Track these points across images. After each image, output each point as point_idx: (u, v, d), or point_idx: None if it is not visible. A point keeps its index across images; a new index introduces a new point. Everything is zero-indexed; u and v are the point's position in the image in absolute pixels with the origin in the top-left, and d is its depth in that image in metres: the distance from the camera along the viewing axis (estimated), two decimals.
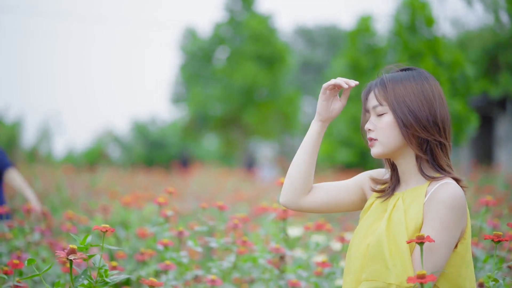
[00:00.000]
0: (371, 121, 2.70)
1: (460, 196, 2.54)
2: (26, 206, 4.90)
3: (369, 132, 2.70)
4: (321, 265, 3.84)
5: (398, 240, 2.54)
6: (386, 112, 2.65)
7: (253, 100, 25.78)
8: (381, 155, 2.69)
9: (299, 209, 2.86)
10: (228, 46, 26.43)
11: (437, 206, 2.53)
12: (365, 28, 22.10)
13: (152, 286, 2.95)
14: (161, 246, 3.86)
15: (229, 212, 5.96)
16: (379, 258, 2.55)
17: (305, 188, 2.83)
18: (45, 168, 15.10)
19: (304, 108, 33.15)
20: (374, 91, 2.70)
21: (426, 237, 2.39)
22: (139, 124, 34.36)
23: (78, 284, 2.80)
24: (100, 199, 8.95)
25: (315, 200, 2.83)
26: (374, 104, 2.68)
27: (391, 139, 2.65)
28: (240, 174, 17.83)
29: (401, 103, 2.63)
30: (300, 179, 2.82)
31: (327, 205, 2.84)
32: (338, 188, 2.85)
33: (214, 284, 3.69)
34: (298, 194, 2.83)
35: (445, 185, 2.56)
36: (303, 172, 2.82)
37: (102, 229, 2.82)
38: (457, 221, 2.52)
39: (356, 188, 2.84)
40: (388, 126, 2.65)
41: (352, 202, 2.85)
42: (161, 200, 4.08)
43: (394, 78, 2.69)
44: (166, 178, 16.25)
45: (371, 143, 2.70)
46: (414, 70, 2.72)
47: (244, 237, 3.90)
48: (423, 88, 2.65)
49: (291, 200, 2.84)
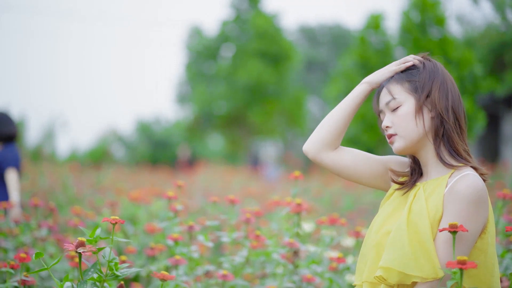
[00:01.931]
0: (386, 118, 2.65)
1: (480, 188, 2.47)
2: (33, 201, 4.81)
3: (387, 129, 2.65)
4: (336, 260, 3.75)
5: (421, 230, 2.48)
6: (400, 105, 2.61)
7: (258, 99, 25.73)
8: (403, 149, 2.63)
9: (319, 162, 2.81)
10: (234, 44, 26.40)
11: (456, 198, 2.46)
12: (375, 26, 22.02)
13: (164, 280, 2.86)
14: (171, 241, 3.78)
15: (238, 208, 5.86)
16: (398, 247, 2.48)
17: (331, 143, 2.78)
18: (49, 166, 15.04)
19: (308, 107, 33.02)
20: (387, 87, 2.67)
21: (459, 226, 2.31)
22: (143, 123, 34.31)
23: (88, 278, 2.71)
24: (106, 196, 8.87)
25: (339, 159, 2.79)
26: (386, 100, 2.65)
27: (409, 129, 2.59)
28: (246, 172, 17.76)
29: (418, 89, 2.60)
30: (330, 133, 2.78)
31: (348, 169, 2.79)
32: (366, 158, 2.79)
33: (226, 279, 3.61)
34: (323, 146, 2.79)
35: (465, 177, 2.49)
36: (336, 127, 2.78)
37: (111, 221, 2.73)
38: (476, 215, 2.45)
39: (382, 167, 2.78)
40: (405, 117, 2.60)
41: (374, 177, 2.78)
42: (170, 194, 4.00)
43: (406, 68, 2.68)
44: (172, 176, 16.18)
45: (391, 139, 2.64)
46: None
47: (257, 231, 3.81)
48: (436, 74, 2.63)
49: (314, 150, 2.80)
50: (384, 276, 2.50)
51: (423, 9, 20.12)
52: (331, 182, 12.34)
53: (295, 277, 3.72)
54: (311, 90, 37.05)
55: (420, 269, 2.43)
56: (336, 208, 9.34)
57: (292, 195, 3.79)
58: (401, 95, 2.62)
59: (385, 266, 2.50)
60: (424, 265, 2.43)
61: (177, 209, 3.93)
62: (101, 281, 2.75)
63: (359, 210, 9.44)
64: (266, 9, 26.66)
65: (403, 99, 2.61)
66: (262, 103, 25.80)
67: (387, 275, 2.49)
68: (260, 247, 3.94)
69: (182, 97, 29.08)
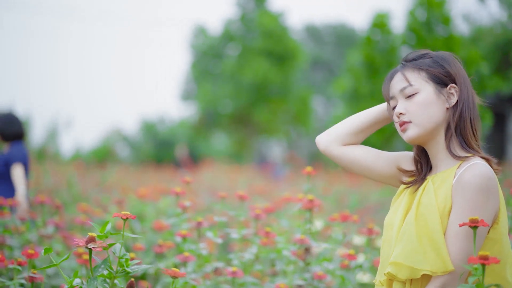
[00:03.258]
0: (400, 105, 2.57)
1: (488, 177, 2.42)
2: (39, 198, 4.76)
3: (401, 116, 2.57)
4: (348, 257, 3.69)
5: (430, 224, 2.43)
6: (417, 92, 2.55)
7: (264, 97, 25.70)
8: (416, 138, 2.56)
9: (329, 154, 2.78)
10: (239, 43, 26.37)
11: (464, 188, 2.41)
12: (381, 25, 21.97)
13: (175, 277, 2.81)
14: (179, 237, 3.72)
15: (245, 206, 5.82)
16: (406, 241, 2.44)
17: (344, 138, 2.76)
18: (54, 165, 14.99)
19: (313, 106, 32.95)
20: (402, 72, 2.60)
21: (480, 221, 2.25)
22: (147, 123, 34.26)
23: (98, 274, 2.65)
24: (112, 195, 8.82)
25: (351, 153, 2.75)
26: (402, 86, 2.57)
27: (426, 118, 2.53)
28: (251, 171, 17.70)
29: (438, 78, 2.55)
30: (347, 128, 2.77)
31: (359, 164, 2.75)
32: (378, 155, 2.75)
33: (235, 276, 3.56)
34: (335, 139, 2.76)
35: (472, 166, 2.44)
36: (355, 125, 2.77)
37: (122, 216, 2.69)
38: (485, 204, 2.40)
39: (393, 164, 2.73)
40: (421, 104, 2.54)
41: (384, 174, 2.74)
42: (178, 190, 3.95)
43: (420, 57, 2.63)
44: (177, 174, 16.13)
45: (403, 127, 2.56)
46: (432, 53, 2.64)
47: (267, 228, 3.76)
48: (456, 66, 2.60)
49: (325, 141, 2.78)
50: (393, 272, 2.46)
51: (429, 7, 20.09)
52: (336, 180, 12.29)
53: (306, 275, 3.66)
54: (316, 89, 37.00)
55: (429, 263, 2.38)
56: (343, 206, 9.28)
57: (304, 191, 3.73)
58: (418, 82, 2.56)
59: (393, 261, 2.46)
60: (433, 258, 2.38)
61: (186, 206, 3.87)
62: (112, 278, 2.70)
63: (366, 208, 9.39)
64: (271, 8, 26.64)
65: (420, 86, 2.55)
66: (267, 102, 25.77)
67: (396, 270, 2.45)
68: (270, 244, 3.88)
69: (187, 96, 29.07)
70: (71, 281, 2.67)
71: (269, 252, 3.92)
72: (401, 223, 2.53)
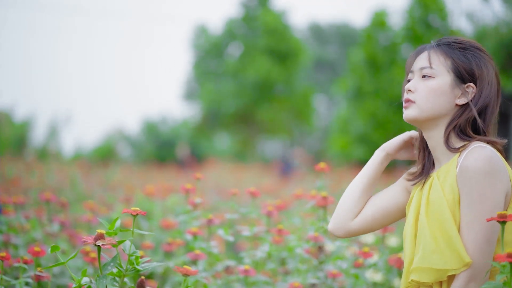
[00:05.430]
0: (413, 82, 2.50)
1: (489, 157, 2.31)
2: (45, 196, 4.66)
3: (408, 93, 2.50)
4: (362, 255, 3.59)
5: (442, 221, 2.34)
6: (434, 76, 2.46)
7: (267, 96, 25.67)
8: (414, 119, 2.49)
9: (349, 235, 2.67)
10: (242, 42, 26.35)
11: (467, 175, 2.31)
12: (380, 23, 21.98)
13: (187, 275, 2.71)
14: (189, 235, 3.63)
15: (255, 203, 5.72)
16: (423, 243, 2.36)
17: (353, 216, 2.64)
18: (56, 164, 14.92)
19: (316, 106, 32.91)
20: (429, 52, 2.51)
21: (509, 216, 2.15)
22: (149, 123, 34.19)
23: (107, 272, 2.55)
24: (117, 193, 8.73)
25: (363, 217, 2.64)
26: (423, 64, 2.49)
27: (430, 105, 2.45)
28: (257, 169, 17.62)
29: (460, 72, 2.46)
30: (353, 208, 2.64)
31: (376, 218, 2.64)
32: (384, 195, 2.66)
33: (248, 275, 3.46)
34: (347, 221, 2.64)
35: (472, 151, 2.35)
36: (357, 200, 2.64)
37: (132, 213, 2.59)
38: (493, 186, 2.30)
39: (402, 191, 2.64)
40: (432, 90, 2.45)
41: (402, 205, 2.63)
42: (189, 186, 3.85)
43: (454, 45, 2.51)
44: (181, 173, 16.06)
45: (406, 104, 2.50)
46: (470, 45, 2.53)
47: (279, 225, 3.66)
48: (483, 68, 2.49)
49: (339, 227, 2.65)
50: (416, 278, 2.37)
51: (426, 5, 20.07)
52: (343, 178, 12.20)
53: (319, 273, 3.57)
54: (319, 89, 36.99)
55: (448, 261, 2.29)
56: None
57: (318, 187, 3.64)
58: (439, 68, 2.47)
59: (415, 267, 2.37)
60: (450, 256, 2.30)
61: (196, 203, 3.78)
62: (121, 276, 2.60)
63: None
64: (274, 6, 26.63)
65: (439, 72, 2.47)
66: (270, 100, 25.73)
67: (419, 276, 2.36)
68: (283, 242, 3.79)
69: (189, 95, 29.04)
70: (79, 280, 2.57)
71: (281, 250, 3.83)
72: (413, 229, 2.45)
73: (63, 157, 22.59)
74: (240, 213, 3.89)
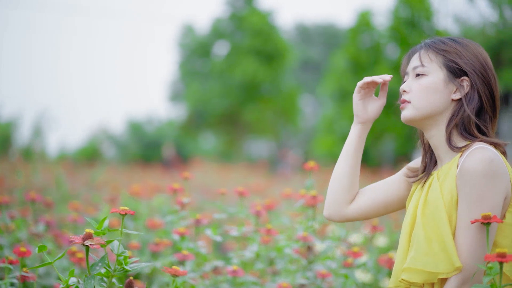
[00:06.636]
0: (407, 82, 2.50)
1: (490, 159, 2.28)
2: (30, 196, 4.60)
3: (404, 93, 2.50)
4: (352, 255, 3.57)
5: (437, 222, 2.31)
6: (426, 74, 2.45)
7: (253, 96, 25.66)
8: (410, 119, 2.47)
9: (345, 220, 2.65)
10: (228, 42, 26.34)
11: (466, 177, 2.29)
12: (365, 23, 22.03)
13: (176, 276, 2.68)
14: (177, 235, 3.59)
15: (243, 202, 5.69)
16: (417, 245, 2.33)
17: (348, 198, 2.62)
18: (41, 164, 14.83)
19: (302, 106, 32.92)
20: (420, 52, 2.51)
21: (493, 217, 2.13)
22: (134, 123, 34.07)
23: (95, 273, 2.52)
24: (102, 193, 8.68)
25: (360, 206, 2.62)
26: (415, 64, 2.49)
27: (425, 103, 2.44)
28: (243, 169, 17.59)
29: (452, 67, 2.45)
30: (343, 190, 2.62)
31: (374, 208, 2.62)
32: (384, 186, 2.63)
33: (236, 275, 3.43)
34: (342, 206, 2.62)
35: (473, 152, 2.32)
36: (345, 182, 2.61)
37: (121, 212, 2.56)
38: (492, 188, 2.27)
39: (402, 183, 2.61)
40: (426, 88, 2.44)
41: (401, 198, 2.62)
42: (176, 186, 3.82)
43: (444, 42, 2.50)
44: (166, 173, 16.00)
45: (402, 105, 2.49)
46: (460, 40, 2.52)
47: (268, 225, 3.63)
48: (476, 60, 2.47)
49: (335, 213, 2.63)
50: (406, 278, 2.34)
51: (412, 5, 20.12)
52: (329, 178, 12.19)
53: (308, 273, 3.54)
54: (305, 89, 37.01)
55: (439, 265, 2.27)
56: None
57: (306, 187, 3.61)
58: (431, 65, 2.46)
59: (406, 267, 2.35)
60: (442, 260, 2.27)
61: (184, 202, 3.74)
62: (109, 277, 2.57)
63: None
64: (261, 7, 26.62)
65: (432, 70, 2.46)
66: (257, 101, 25.72)
67: (409, 276, 2.34)
68: (271, 242, 3.76)
69: (175, 96, 28.98)
70: (66, 280, 2.53)
71: (270, 250, 3.80)
72: (409, 227, 2.43)
73: (48, 157, 22.48)
74: (228, 213, 3.86)
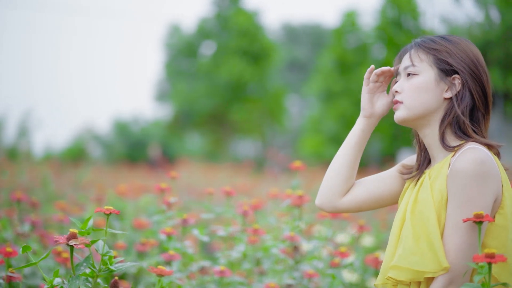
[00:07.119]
0: (399, 83, 2.50)
1: (481, 160, 2.27)
2: (15, 195, 4.57)
3: (396, 94, 2.50)
4: (340, 255, 3.56)
5: (426, 222, 2.30)
6: (417, 74, 2.45)
7: (239, 96, 25.66)
8: (403, 120, 2.47)
9: (336, 211, 2.63)
10: (214, 42, 26.33)
11: (457, 177, 2.28)
12: (351, 23, 22.08)
13: (161, 275, 2.67)
14: (163, 235, 3.57)
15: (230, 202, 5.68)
16: (405, 243, 2.32)
17: (344, 190, 2.61)
18: (27, 164, 14.75)
19: (289, 106, 32.93)
20: (410, 52, 2.50)
21: (485, 216, 2.12)
22: (120, 123, 33.95)
23: (80, 273, 2.50)
24: (88, 193, 8.64)
25: (354, 198, 2.61)
26: (406, 64, 2.49)
27: (417, 102, 2.43)
28: (229, 169, 17.57)
29: (443, 65, 2.44)
30: (340, 181, 2.60)
31: (367, 201, 2.61)
32: (378, 180, 2.62)
33: (223, 275, 3.41)
34: (335, 196, 2.60)
35: (465, 152, 2.31)
36: (343, 173, 2.60)
37: (105, 212, 2.55)
38: (482, 189, 2.26)
39: (397, 178, 2.61)
40: (417, 88, 2.44)
41: (395, 193, 2.61)
42: (163, 186, 3.79)
43: (434, 40, 2.50)
44: (152, 173, 15.96)
45: (395, 106, 2.50)
46: (450, 38, 2.52)
47: (255, 225, 3.62)
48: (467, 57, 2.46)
49: (327, 202, 2.62)
50: (393, 276, 2.34)
51: (399, 5, 20.18)
52: (317, 177, 12.19)
53: (295, 273, 3.53)
54: (291, 89, 37.03)
55: (426, 264, 2.26)
56: None
57: (293, 186, 3.60)
58: (421, 64, 2.46)
59: (393, 264, 2.34)
60: (429, 259, 2.26)
61: (170, 202, 3.72)
62: (94, 277, 2.55)
63: None
64: (247, 6, 26.62)
65: (422, 69, 2.46)
66: (243, 101, 25.71)
67: (396, 274, 2.33)
68: (258, 242, 3.75)
69: (161, 96, 28.92)
70: (51, 280, 2.51)
71: (256, 250, 3.79)
72: (399, 224, 2.42)
73: (34, 156, 22.38)
74: (215, 212, 3.84)
